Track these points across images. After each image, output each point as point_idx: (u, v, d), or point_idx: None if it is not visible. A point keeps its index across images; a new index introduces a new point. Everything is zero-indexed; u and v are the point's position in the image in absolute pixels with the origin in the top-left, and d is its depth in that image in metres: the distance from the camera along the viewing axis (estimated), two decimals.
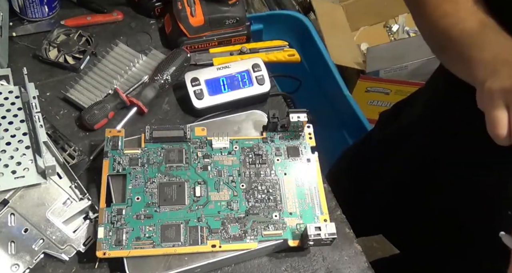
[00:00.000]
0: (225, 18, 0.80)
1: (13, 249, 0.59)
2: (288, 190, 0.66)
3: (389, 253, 1.13)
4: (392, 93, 1.55)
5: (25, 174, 0.62)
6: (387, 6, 1.67)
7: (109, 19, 0.85)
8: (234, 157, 0.67)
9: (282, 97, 0.81)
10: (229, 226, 0.62)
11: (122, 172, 0.64)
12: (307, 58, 1.35)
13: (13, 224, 0.60)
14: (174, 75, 0.76)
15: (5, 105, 0.68)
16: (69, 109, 0.75)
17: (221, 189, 0.65)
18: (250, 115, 0.73)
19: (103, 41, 0.82)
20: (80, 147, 0.70)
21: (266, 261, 0.65)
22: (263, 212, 0.64)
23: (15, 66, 0.77)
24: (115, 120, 0.74)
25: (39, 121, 0.63)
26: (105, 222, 0.60)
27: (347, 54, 1.51)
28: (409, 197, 0.83)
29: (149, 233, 0.60)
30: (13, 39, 0.80)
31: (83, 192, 0.63)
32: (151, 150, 0.66)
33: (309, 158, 0.68)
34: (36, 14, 0.82)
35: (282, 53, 0.83)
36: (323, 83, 1.38)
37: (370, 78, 1.50)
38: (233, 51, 0.82)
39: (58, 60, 0.78)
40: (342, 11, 1.63)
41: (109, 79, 0.77)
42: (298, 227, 0.63)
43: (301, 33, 1.37)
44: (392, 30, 1.72)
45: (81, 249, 0.61)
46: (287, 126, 0.69)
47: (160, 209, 0.62)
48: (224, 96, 0.75)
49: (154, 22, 0.86)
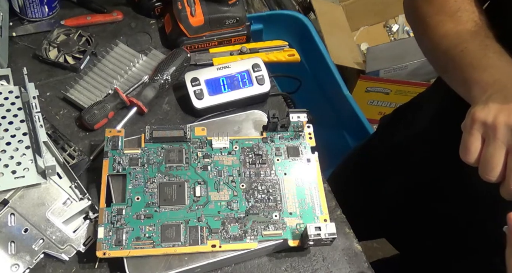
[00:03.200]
0: (225, 18, 0.80)
1: (13, 249, 0.59)
2: (288, 190, 0.66)
3: (389, 254, 1.13)
4: (392, 93, 1.55)
5: (25, 174, 0.62)
6: (387, 6, 1.67)
7: (109, 19, 0.85)
8: (234, 157, 0.67)
9: (282, 97, 0.81)
10: (229, 226, 0.62)
11: (122, 172, 0.64)
12: (307, 58, 1.35)
13: (13, 224, 0.60)
14: (174, 75, 0.76)
15: (5, 105, 0.68)
16: (69, 109, 0.75)
17: (221, 189, 0.65)
18: (250, 115, 0.73)
19: (103, 41, 0.82)
20: (80, 147, 0.70)
21: (266, 261, 0.65)
22: (263, 212, 0.64)
23: (15, 66, 0.77)
24: (115, 120, 0.74)
25: (39, 121, 0.63)
26: (105, 222, 0.60)
27: (347, 54, 1.51)
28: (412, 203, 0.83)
29: (149, 233, 0.60)
30: (13, 39, 0.80)
31: (83, 192, 0.63)
32: (151, 150, 0.66)
33: (309, 158, 0.68)
34: (36, 14, 0.82)
35: (282, 53, 0.83)
36: (323, 83, 1.38)
37: (370, 78, 1.51)
38: (233, 51, 0.82)
39: (58, 60, 0.78)
40: (342, 11, 1.63)
41: (109, 79, 0.77)
42: (298, 227, 0.63)
43: (301, 33, 1.37)
44: (392, 30, 1.72)
45: (81, 249, 0.61)
46: (287, 126, 0.69)
47: (160, 209, 0.62)
48: (224, 96, 0.75)
49: (154, 22, 0.86)
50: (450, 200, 0.75)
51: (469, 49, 0.55)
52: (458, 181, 0.71)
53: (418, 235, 0.85)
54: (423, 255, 0.86)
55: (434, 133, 0.75)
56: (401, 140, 0.83)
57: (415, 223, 0.84)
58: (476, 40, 0.55)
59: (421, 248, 0.86)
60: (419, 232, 0.85)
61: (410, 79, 1.52)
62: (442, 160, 0.73)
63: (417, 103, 0.85)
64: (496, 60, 0.53)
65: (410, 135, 0.81)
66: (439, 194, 0.77)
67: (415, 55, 1.46)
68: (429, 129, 0.76)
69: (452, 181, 0.72)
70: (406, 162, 0.82)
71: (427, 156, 0.77)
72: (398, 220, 0.88)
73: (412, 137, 0.81)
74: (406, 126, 0.84)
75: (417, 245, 0.87)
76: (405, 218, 0.86)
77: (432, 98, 0.79)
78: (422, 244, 0.86)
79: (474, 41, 0.55)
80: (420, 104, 0.83)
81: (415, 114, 0.83)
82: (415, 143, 0.79)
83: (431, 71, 1.52)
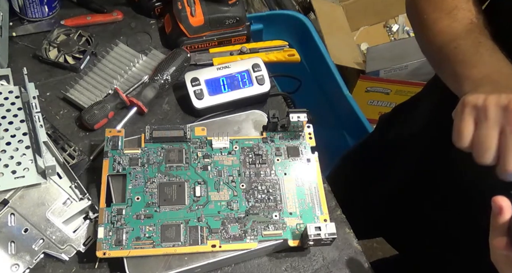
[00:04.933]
0: (225, 18, 0.80)
1: (13, 249, 0.59)
2: (288, 190, 0.66)
3: (389, 253, 1.13)
4: (392, 93, 1.55)
5: (25, 174, 0.62)
6: (387, 6, 1.67)
7: (109, 19, 0.85)
8: (234, 157, 0.67)
9: (282, 97, 0.81)
10: (229, 226, 0.62)
11: (122, 172, 0.64)
12: (307, 58, 1.35)
13: (13, 224, 0.60)
14: (174, 75, 0.76)
15: (5, 105, 0.68)
16: (69, 109, 0.75)
17: (221, 189, 0.65)
18: (250, 115, 0.73)
19: (103, 41, 0.82)
20: (80, 147, 0.70)
21: (266, 261, 0.65)
22: (263, 212, 0.64)
23: (15, 66, 0.77)
24: (115, 120, 0.74)
25: (39, 121, 0.63)
26: (105, 222, 0.60)
27: (347, 54, 1.51)
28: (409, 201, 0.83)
29: (149, 233, 0.60)
30: (13, 39, 0.80)
31: (83, 192, 0.63)
32: (151, 150, 0.66)
33: (309, 158, 0.68)
34: (36, 14, 0.82)
35: (282, 53, 0.83)
36: (323, 83, 1.38)
37: (370, 78, 1.51)
38: (233, 51, 0.82)
39: (58, 60, 0.78)
40: (342, 11, 1.63)
41: (109, 79, 0.77)
42: (298, 227, 0.63)
43: (301, 33, 1.37)
44: (392, 30, 1.72)
45: (81, 249, 0.61)
46: (287, 126, 0.69)
47: (160, 209, 0.62)
48: (224, 96, 0.75)
49: (154, 22, 0.86)
50: (446, 198, 0.75)
51: (462, 46, 0.55)
52: (454, 177, 0.71)
53: (416, 234, 0.86)
54: (422, 254, 0.86)
55: (431, 130, 0.75)
56: (399, 137, 0.84)
57: (413, 221, 0.84)
58: (469, 37, 0.56)
59: (420, 247, 0.87)
60: (417, 231, 0.85)
61: (410, 79, 1.52)
62: (439, 157, 0.74)
63: (415, 101, 0.86)
64: (487, 57, 0.53)
65: (408, 133, 0.81)
66: (435, 192, 0.77)
67: (415, 55, 1.46)
68: (427, 126, 0.77)
69: (448, 178, 0.73)
70: (404, 159, 0.82)
71: (425, 154, 0.77)
72: (396, 219, 0.88)
73: (410, 135, 0.81)
74: (404, 123, 0.84)
75: (416, 244, 0.87)
76: (402, 217, 0.86)
77: (429, 96, 0.80)
78: (420, 243, 0.86)
79: (467, 38, 0.56)
80: (418, 102, 0.84)
81: (413, 112, 0.83)
82: (413, 140, 0.80)
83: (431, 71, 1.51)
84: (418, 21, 0.63)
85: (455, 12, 0.59)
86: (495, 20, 0.58)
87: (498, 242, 0.44)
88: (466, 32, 0.57)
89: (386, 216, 0.90)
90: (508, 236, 0.43)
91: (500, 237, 0.44)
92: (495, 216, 0.44)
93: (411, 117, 0.83)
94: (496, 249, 0.45)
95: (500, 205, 0.44)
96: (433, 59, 0.62)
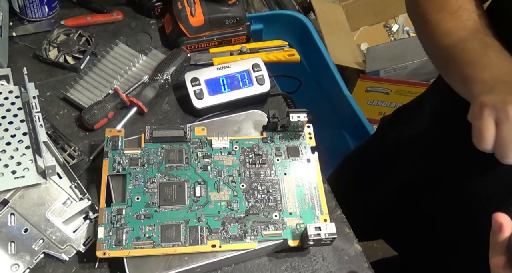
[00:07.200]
0: (225, 18, 0.80)
1: (13, 249, 0.59)
2: (288, 190, 0.66)
3: (389, 254, 1.13)
4: (392, 93, 1.55)
5: (25, 174, 0.62)
6: (387, 6, 1.67)
7: (109, 19, 0.85)
8: (234, 157, 0.67)
9: (282, 97, 0.81)
10: (229, 226, 0.62)
11: (122, 172, 0.64)
12: (307, 58, 1.35)
13: (13, 224, 0.60)
14: (174, 75, 0.76)
15: (5, 105, 0.68)
16: (69, 109, 0.75)
17: (221, 189, 0.65)
18: (250, 115, 0.73)
19: (103, 41, 0.82)
20: (80, 147, 0.70)
21: (266, 261, 0.65)
22: (263, 212, 0.64)
23: (15, 66, 0.77)
24: (115, 120, 0.74)
25: (39, 121, 0.63)
26: (105, 222, 0.60)
27: (347, 54, 1.51)
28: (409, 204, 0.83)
29: (149, 233, 0.60)
30: (13, 39, 0.80)
31: (83, 192, 0.63)
32: (151, 150, 0.66)
33: (309, 158, 0.68)
34: (36, 14, 0.82)
35: (282, 53, 0.83)
36: (323, 83, 1.38)
37: (370, 78, 1.51)
38: (233, 51, 0.82)
39: (58, 60, 0.78)
40: (342, 11, 1.63)
41: (109, 79, 0.77)
42: (298, 227, 0.63)
43: (301, 33, 1.37)
44: (392, 30, 1.72)
45: (81, 249, 0.61)
46: (287, 126, 0.69)
47: (160, 209, 0.62)
48: (224, 96, 0.75)
49: (154, 22, 0.86)
50: (447, 200, 0.75)
51: (469, 48, 0.55)
52: (455, 179, 0.71)
53: (416, 236, 0.85)
54: (422, 255, 0.86)
55: (433, 132, 0.75)
56: (401, 139, 0.84)
57: (413, 223, 0.84)
58: (476, 38, 0.55)
59: (420, 249, 0.86)
60: (417, 233, 0.85)
61: (410, 79, 1.52)
62: (440, 159, 0.73)
63: (417, 103, 0.85)
64: (495, 59, 0.53)
65: (410, 135, 0.81)
66: (435, 194, 0.77)
67: (415, 55, 1.46)
68: (428, 128, 0.77)
69: (449, 180, 0.73)
70: (405, 161, 0.82)
71: (426, 156, 0.77)
72: (396, 220, 0.88)
73: (412, 137, 0.81)
74: (405, 125, 0.84)
75: (416, 246, 0.87)
76: (403, 218, 0.86)
77: (432, 98, 0.79)
78: (420, 245, 0.86)
79: (474, 39, 0.55)
80: (420, 104, 0.83)
81: (415, 114, 0.83)
82: (415, 142, 0.79)
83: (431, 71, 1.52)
84: (421, 22, 0.62)
85: (460, 13, 0.58)
86: (496, 21, 0.58)
87: (497, 261, 0.44)
88: (472, 33, 0.56)
89: (386, 218, 0.90)
90: (507, 254, 0.43)
91: (500, 256, 0.44)
92: (495, 233, 0.44)
93: (413, 119, 0.83)
94: (496, 267, 0.44)
95: (500, 222, 0.43)
96: (438, 60, 0.62)
